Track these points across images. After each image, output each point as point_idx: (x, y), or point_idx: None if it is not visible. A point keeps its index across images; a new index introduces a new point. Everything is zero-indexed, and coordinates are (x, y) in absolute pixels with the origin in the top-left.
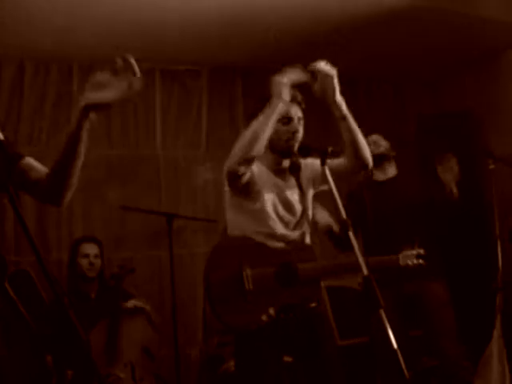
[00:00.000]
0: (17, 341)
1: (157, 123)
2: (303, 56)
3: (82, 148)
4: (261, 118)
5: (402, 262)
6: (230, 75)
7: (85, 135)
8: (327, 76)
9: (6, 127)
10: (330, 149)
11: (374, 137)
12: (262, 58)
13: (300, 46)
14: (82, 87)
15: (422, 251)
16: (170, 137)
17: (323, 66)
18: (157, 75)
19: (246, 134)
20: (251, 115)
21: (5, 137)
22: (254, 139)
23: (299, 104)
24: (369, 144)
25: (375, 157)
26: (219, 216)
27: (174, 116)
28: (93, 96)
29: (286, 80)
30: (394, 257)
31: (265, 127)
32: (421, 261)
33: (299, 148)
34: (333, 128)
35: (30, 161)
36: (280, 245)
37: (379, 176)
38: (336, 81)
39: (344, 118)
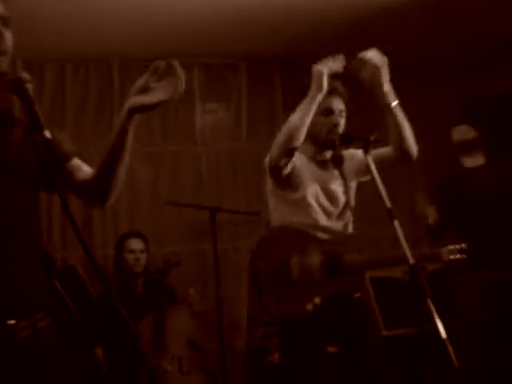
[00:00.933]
0: (66, 334)
1: (196, 117)
2: (343, 46)
3: (127, 150)
4: (300, 109)
5: (444, 257)
6: (269, 68)
7: (130, 137)
8: (377, 64)
9: (50, 129)
10: (372, 137)
11: (464, 127)
12: (300, 50)
13: (340, 35)
14: (123, 86)
15: (464, 245)
16: (210, 131)
17: (373, 54)
18: (195, 70)
19: (286, 126)
20: (292, 107)
21: (52, 136)
22: (294, 131)
23: (341, 96)
24: (457, 132)
25: (463, 143)
26: (261, 209)
27: (213, 110)
28: (137, 100)
29: (326, 70)
30: (437, 251)
31: (304, 118)
32: (464, 255)
33: (341, 136)
34: (376, 119)
35: (76, 162)
36: (324, 235)
37: (468, 163)
38: (386, 70)
39: (391, 107)
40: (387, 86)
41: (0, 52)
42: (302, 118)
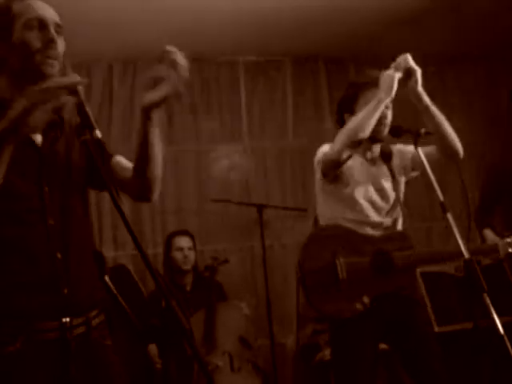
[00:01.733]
0: (118, 332)
1: (242, 116)
2: (385, 42)
3: (155, 147)
4: (365, 110)
5: (501, 250)
6: (314, 64)
7: (154, 135)
8: (413, 68)
9: (98, 128)
10: (423, 129)
11: None
12: (345, 45)
13: (382, 31)
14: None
15: None
16: (256, 128)
17: (409, 59)
18: (240, 67)
19: (350, 125)
20: (340, 103)
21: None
22: (358, 131)
23: None
24: None
25: None
26: (308, 205)
27: (259, 107)
28: (146, 98)
29: (398, 76)
30: (493, 244)
31: (369, 120)
32: None
33: (390, 129)
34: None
35: (120, 159)
36: (374, 232)
37: None
38: (420, 73)
39: (427, 107)
40: (420, 87)
41: (52, 57)
42: (368, 118)
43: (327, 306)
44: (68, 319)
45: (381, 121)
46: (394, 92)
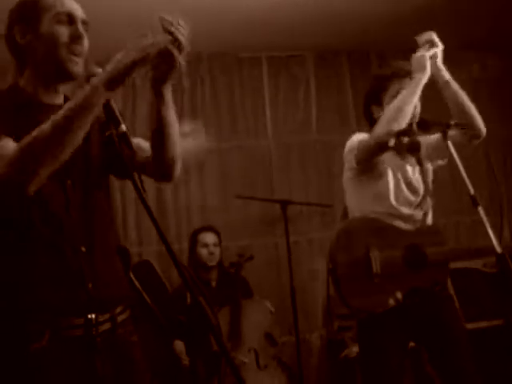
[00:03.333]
0: (143, 328)
1: (266, 111)
2: (410, 36)
3: (170, 126)
4: (405, 92)
5: None
6: (337, 58)
7: (167, 112)
8: (437, 44)
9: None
10: (453, 121)
11: None
12: (368, 39)
13: (403, 24)
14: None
15: None
16: (279, 124)
17: (432, 34)
18: (263, 63)
19: (391, 110)
20: (367, 95)
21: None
22: (399, 114)
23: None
24: None
25: None
26: (333, 200)
27: (282, 102)
28: (138, 45)
29: (429, 53)
30: None
31: (409, 102)
32: None
33: (418, 122)
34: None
35: (138, 142)
36: (404, 225)
37: None
38: (441, 48)
39: (447, 82)
40: (440, 63)
41: (76, 53)
42: (407, 99)
43: (358, 300)
44: (93, 316)
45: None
46: (428, 70)
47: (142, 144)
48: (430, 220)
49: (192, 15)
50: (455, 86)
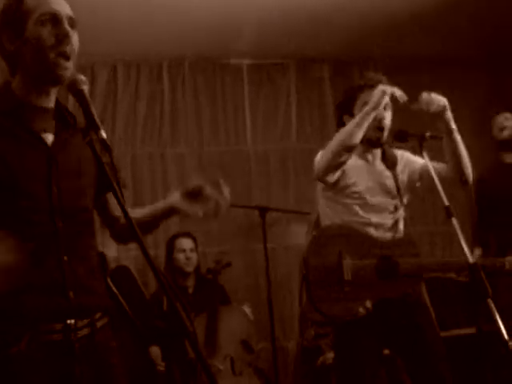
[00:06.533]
0: (120, 333)
1: (246, 118)
2: (392, 45)
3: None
4: (352, 124)
5: (508, 267)
6: (318, 67)
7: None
8: (442, 104)
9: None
10: (427, 134)
11: (507, 115)
12: (350, 49)
13: (386, 35)
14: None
15: None
16: (259, 131)
17: (436, 97)
18: (244, 70)
19: (336, 140)
20: (339, 105)
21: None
22: (346, 141)
23: None
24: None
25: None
26: (312, 208)
27: (263, 110)
28: (185, 205)
29: (389, 92)
30: (500, 260)
31: (357, 131)
32: None
33: (395, 134)
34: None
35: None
36: (376, 232)
37: (508, 158)
38: (448, 107)
39: (451, 132)
40: (449, 114)
41: (67, 56)
42: (355, 129)
43: (328, 306)
44: (73, 321)
45: (378, 125)
46: (381, 107)
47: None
48: (401, 228)
49: (176, 21)
50: (457, 137)
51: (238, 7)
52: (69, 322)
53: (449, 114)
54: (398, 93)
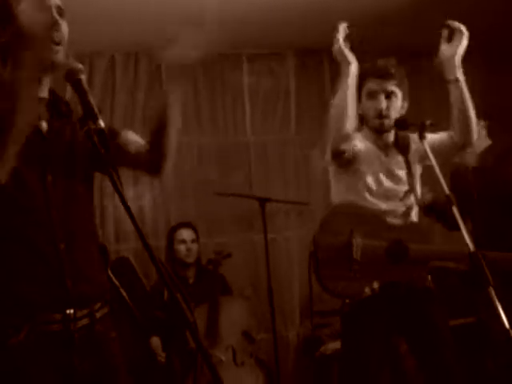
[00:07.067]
0: (120, 324)
1: (246, 108)
2: (392, 34)
3: (172, 126)
4: (338, 91)
5: None
6: (317, 57)
7: (173, 113)
8: (462, 35)
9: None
10: (428, 122)
11: None
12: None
13: (388, 24)
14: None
15: None
16: (259, 121)
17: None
18: (244, 60)
19: (332, 113)
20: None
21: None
22: (341, 115)
23: (389, 77)
24: None
25: None
26: (311, 198)
27: (262, 100)
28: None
29: (340, 42)
30: (510, 255)
31: (345, 100)
32: None
33: (395, 122)
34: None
35: (127, 135)
36: (388, 219)
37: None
38: (465, 43)
39: (457, 80)
40: (458, 59)
41: (56, 42)
42: (343, 99)
43: (335, 284)
44: (72, 311)
45: (379, 111)
46: (350, 59)
47: (131, 137)
48: (414, 215)
49: (171, 9)
50: (464, 88)
51: None
52: (68, 312)
53: (456, 62)
54: (341, 34)
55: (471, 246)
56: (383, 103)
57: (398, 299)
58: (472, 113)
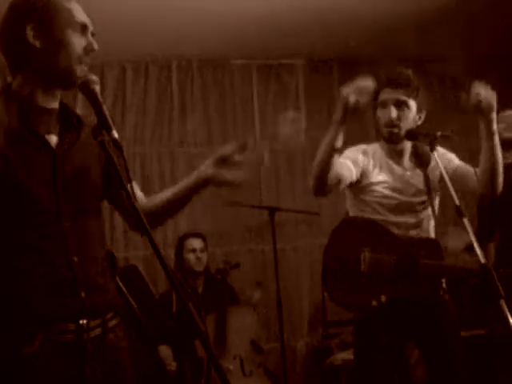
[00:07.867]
0: (129, 333)
1: (255, 119)
2: (400, 46)
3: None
4: (324, 141)
5: None
6: (326, 67)
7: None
8: (490, 100)
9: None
10: (438, 133)
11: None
12: (358, 48)
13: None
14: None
15: None
16: (268, 131)
17: (486, 90)
18: (253, 71)
19: (315, 160)
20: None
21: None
22: (322, 165)
23: (402, 87)
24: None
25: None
26: (320, 209)
27: (272, 110)
28: (218, 173)
29: (352, 102)
30: None
31: (327, 151)
32: None
33: (406, 133)
34: None
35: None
36: (398, 231)
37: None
38: (495, 100)
39: (492, 134)
40: (493, 113)
41: (86, 65)
42: (326, 151)
43: (342, 296)
44: (85, 321)
45: (390, 122)
46: (346, 118)
47: (135, 191)
48: (429, 227)
49: (181, 20)
50: (497, 141)
51: (246, 7)
52: (81, 322)
53: (494, 115)
54: (364, 85)
55: (482, 258)
56: (393, 112)
57: (411, 308)
58: (500, 167)
